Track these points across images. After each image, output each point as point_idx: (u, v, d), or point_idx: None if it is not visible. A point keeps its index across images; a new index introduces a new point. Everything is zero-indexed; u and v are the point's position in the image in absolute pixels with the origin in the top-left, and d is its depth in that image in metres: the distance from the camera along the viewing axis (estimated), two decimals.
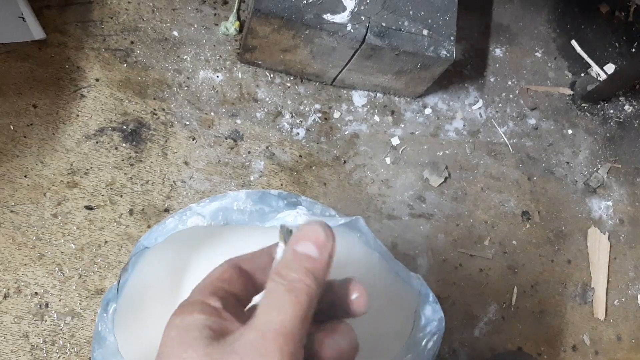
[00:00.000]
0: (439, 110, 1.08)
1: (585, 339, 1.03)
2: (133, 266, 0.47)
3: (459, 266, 1.00)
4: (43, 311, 0.80)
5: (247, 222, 0.47)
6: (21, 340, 0.78)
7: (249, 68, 0.99)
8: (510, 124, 1.13)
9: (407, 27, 0.92)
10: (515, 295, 1.01)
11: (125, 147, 0.89)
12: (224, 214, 0.46)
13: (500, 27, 1.20)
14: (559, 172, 1.12)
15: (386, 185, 1.00)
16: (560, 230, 1.08)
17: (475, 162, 1.07)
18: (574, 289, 1.05)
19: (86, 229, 0.85)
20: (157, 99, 0.93)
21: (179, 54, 0.97)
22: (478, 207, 1.04)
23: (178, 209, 0.89)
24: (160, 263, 0.50)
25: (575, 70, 1.21)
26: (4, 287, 0.80)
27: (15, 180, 0.84)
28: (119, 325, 0.45)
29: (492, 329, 0.98)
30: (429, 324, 0.47)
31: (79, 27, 0.93)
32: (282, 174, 0.95)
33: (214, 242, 0.52)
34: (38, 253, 0.82)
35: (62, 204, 0.85)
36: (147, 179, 0.89)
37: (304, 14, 0.86)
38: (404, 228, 0.99)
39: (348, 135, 1.01)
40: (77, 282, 0.82)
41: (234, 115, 0.96)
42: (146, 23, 0.97)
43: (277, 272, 0.30)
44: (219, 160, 0.93)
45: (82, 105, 0.90)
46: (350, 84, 1.03)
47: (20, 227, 0.82)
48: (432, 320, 0.47)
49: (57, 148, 0.87)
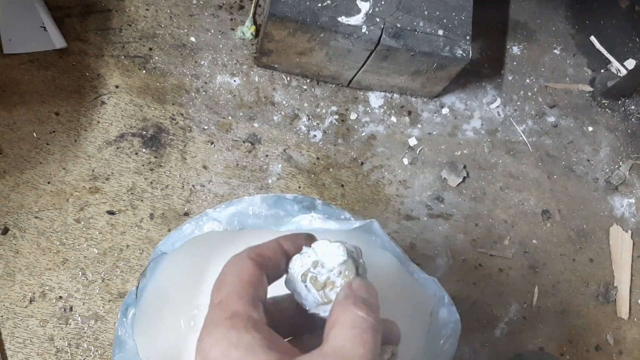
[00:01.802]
0: (456, 110, 1.08)
1: (609, 339, 1.01)
2: (151, 271, 0.48)
3: (478, 266, 0.99)
4: (67, 315, 0.82)
5: (263, 226, 0.48)
6: (47, 343, 0.80)
7: (265, 72, 1.00)
8: (529, 122, 1.12)
9: (422, 27, 0.92)
10: (536, 295, 1.00)
11: (145, 153, 0.91)
12: (240, 219, 0.47)
13: (518, 25, 1.19)
14: (580, 170, 1.11)
15: (404, 185, 1.00)
16: (582, 229, 1.07)
17: (494, 162, 1.07)
18: (596, 288, 1.04)
19: (108, 234, 0.86)
20: (176, 104, 0.94)
21: (196, 59, 0.98)
22: (497, 207, 1.04)
23: (197, 212, 0.90)
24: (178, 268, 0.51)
25: (594, 66, 1.20)
26: (30, 291, 0.82)
27: (39, 187, 0.86)
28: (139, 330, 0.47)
29: (513, 329, 0.97)
30: (444, 327, 0.47)
31: (99, 35, 0.95)
32: (299, 176, 0.96)
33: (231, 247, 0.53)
34: (62, 258, 0.84)
35: (84, 209, 0.86)
36: (166, 183, 0.90)
37: (319, 17, 0.87)
38: (422, 228, 0.99)
39: (365, 136, 1.01)
40: (100, 285, 0.84)
41: (251, 119, 0.97)
42: (164, 29, 0.98)
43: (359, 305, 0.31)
44: (237, 163, 0.94)
45: (102, 112, 0.91)
46: (366, 86, 1.03)
47: (45, 232, 0.84)
48: (448, 323, 0.47)
49: (79, 154, 0.89)
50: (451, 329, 0.47)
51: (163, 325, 0.51)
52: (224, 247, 0.53)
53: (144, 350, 0.47)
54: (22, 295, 0.81)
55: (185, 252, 0.49)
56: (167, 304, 0.47)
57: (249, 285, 0.32)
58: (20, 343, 0.79)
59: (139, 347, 0.47)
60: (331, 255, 0.35)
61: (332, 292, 0.35)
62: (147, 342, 0.47)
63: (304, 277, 0.35)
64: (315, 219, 0.48)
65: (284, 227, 0.49)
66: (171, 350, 0.52)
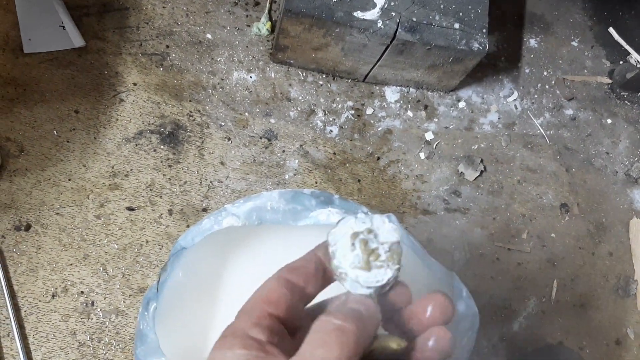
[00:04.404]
0: (473, 104, 1.08)
1: (629, 333, 1.01)
2: (172, 266, 0.49)
3: (496, 260, 0.99)
4: (89, 309, 0.83)
5: (281, 221, 0.48)
6: (69, 337, 0.81)
7: (281, 67, 1.01)
8: (547, 115, 1.11)
9: (438, 21, 0.91)
10: (555, 289, 1.00)
11: (163, 149, 0.92)
12: (258, 214, 0.48)
13: (534, 17, 1.18)
14: (599, 162, 1.10)
15: (421, 180, 1.00)
16: (601, 222, 1.06)
17: (512, 155, 1.06)
18: (615, 281, 1.03)
19: (128, 230, 0.87)
20: (193, 101, 0.95)
21: (212, 56, 0.99)
22: (515, 201, 1.03)
23: (215, 208, 0.91)
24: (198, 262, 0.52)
25: (613, 58, 1.19)
26: (52, 286, 0.83)
27: (60, 184, 0.87)
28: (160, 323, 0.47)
29: (532, 323, 0.97)
30: (463, 320, 0.47)
31: (117, 34, 0.96)
32: (316, 171, 0.96)
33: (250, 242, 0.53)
34: (83, 253, 0.85)
35: (104, 205, 0.88)
36: (185, 179, 0.91)
37: (334, 12, 0.87)
38: (439, 223, 0.98)
39: (381, 131, 1.01)
40: (120, 280, 0.85)
41: (267, 115, 0.97)
42: (180, 27, 0.99)
43: (329, 311, 0.31)
44: (254, 159, 0.95)
45: (121, 109, 0.93)
46: (382, 80, 1.03)
47: (66, 228, 0.86)
48: (467, 316, 0.47)
49: (98, 152, 0.90)
50: (469, 323, 0.47)
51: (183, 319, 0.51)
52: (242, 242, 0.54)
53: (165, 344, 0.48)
54: (44, 291, 0.83)
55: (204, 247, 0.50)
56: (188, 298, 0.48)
57: (264, 303, 0.32)
58: (44, 337, 0.81)
59: (161, 340, 0.48)
60: (386, 231, 0.36)
61: (375, 263, 0.35)
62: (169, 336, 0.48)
63: (354, 236, 0.35)
64: (333, 214, 0.49)
65: (301, 222, 0.49)
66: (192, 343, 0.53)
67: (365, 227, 0.36)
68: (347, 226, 0.36)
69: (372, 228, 0.36)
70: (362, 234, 0.35)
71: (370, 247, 0.35)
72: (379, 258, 0.35)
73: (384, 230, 0.36)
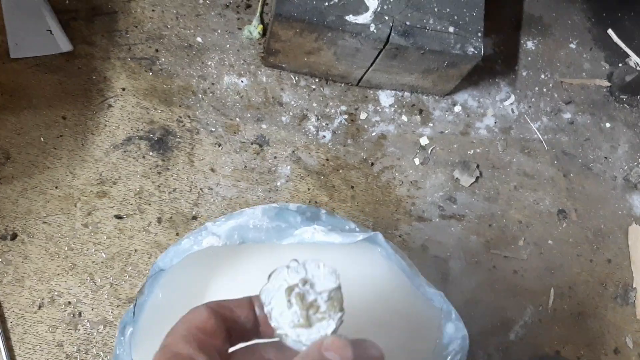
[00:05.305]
0: (468, 108, 1.06)
1: (628, 342, 0.99)
2: (149, 288, 0.47)
3: (492, 268, 0.97)
4: (76, 320, 0.82)
5: (264, 240, 0.46)
6: (56, 349, 0.80)
7: (273, 72, 0.99)
8: (544, 119, 1.09)
9: (432, 25, 0.89)
10: (552, 297, 0.98)
11: (152, 156, 0.90)
12: (240, 233, 0.46)
13: (532, 19, 1.16)
14: (597, 167, 1.08)
15: (415, 186, 0.98)
16: (599, 229, 1.04)
17: (508, 160, 1.04)
18: (614, 289, 1.01)
19: (116, 238, 0.86)
20: (183, 106, 0.94)
21: (203, 60, 0.97)
22: (511, 207, 1.01)
23: (205, 216, 0.90)
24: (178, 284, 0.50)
25: (612, 60, 1.17)
26: (39, 297, 0.81)
27: (47, 192, 0.85)
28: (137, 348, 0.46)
29: (529, 332, 0.95)
30: (452, 342, 0.45)
31: (105, 38, 0.94)
32: (308, 178, 0.95)
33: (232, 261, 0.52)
34: (70, 263, 0.83)
35: (92, 213, 0.86)
36: (174, 186, 0.89)
37: (326, 17, 0.85)
38: (434, 230, 0.97)
39: (375, 136, 1.00)
40: (108, 291, 0.83)
41: (259, 120, 0.96)
42: (170, 30, 0.97)
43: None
44: (245, 166, 0.93)
45: (109, 115, 0.91)
46: (376, 84, 1.01)
47: (53, 237, 0.84)
48: (455, 339, 0.45)
49: (86, 158, 0.88)
50: (459, 345, 0.45)
51: None
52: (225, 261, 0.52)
53: None
54: (31, 301, 0.81)
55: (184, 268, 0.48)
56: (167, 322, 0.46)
57: (197, 331, 0.31)
58: (30, 349, 0.79)
59: None
60: (322, 278, 0.34)
61: (315, 317, 0.33)
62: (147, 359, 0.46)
63: (289, 291, 0.33)
64: (318, 232, 0.47)
65: (285, 240, 0.47)
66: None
67: (300, 278, 0.34)
68: (281, 279, 0.34)
69: (306, 277, 0.34)
70: (297, 287, 0.33)
71: (308, 300, 0.33)
72: (319, 310, 0.33)
73: (320, 277, 0.34)
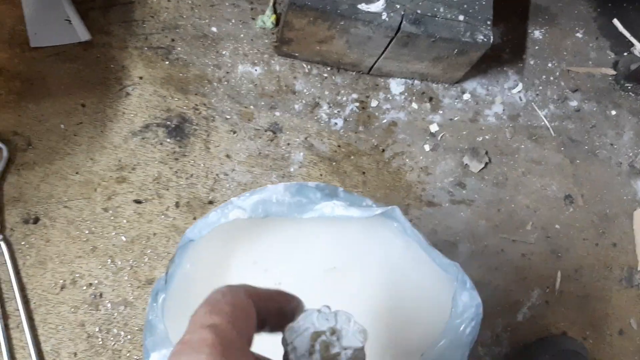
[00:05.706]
0: (477, 95, 1.08)
1: (633, 323, 1.01)
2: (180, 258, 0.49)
3: (500, 252, 0.99)
4: (98, 301, 0.84)
5: (286, 214, 0.49)
6: (78, 329, 0.83)
7: (286, 60, 1.01)
8: (551, 106, 1.11)
9: (442, 13, 0.91)
10: (559, 280, 1.00)
11: (169, 142, 0.92)
12: (264, 207, 0.48)
13: (539, 9, 1.18)
14: (603, 154, 1.10)
15: (425, 172, 1.01)
16: (605, 214, 1.06)
17: (516, 147, 1.06)
18: (619, 272, 1.04)
19: (135, 222, 0.88)
20: (199, 95, 0.96)
21: (218, 49, 0.99)
22: (519, 192, 1.04)
23: (222, 200, 0.92)
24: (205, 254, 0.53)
25: (617, 49, 1.18)
26: (61, 278, 0.84)
27: (68, 177, 0.88)
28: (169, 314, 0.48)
29: (536, 313, 0.98)
30: (466, 311, 0.48)
31: (122, 27, 0.97)
32: (321, 164, 0.97)
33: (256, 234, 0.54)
34: (91, 246, 0.86)
35: (112, 198, 0.88)
36: (191, 172, 0.92)
37: (339, 5, 0.87)
38: (444, 215, 0.99)
39: (386, 123, 1.02)
40: (128, 272, 0.86)
41: (272, 108, 0.98)
42: (186, 20, 0.99)
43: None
44: (259, 152, 0.95)
45: (127, 103, 0.93)
46: (387, 72, 1.03)
47: (74, 221, 0.86)
48: (470, 307, 0.47)
49: (105, 145, 0.90)
50: (473, 313, 0.48)
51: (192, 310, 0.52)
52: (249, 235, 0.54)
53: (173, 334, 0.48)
54: (53, 283, 0.84)
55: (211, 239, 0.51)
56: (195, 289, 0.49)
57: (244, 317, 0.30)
58: (53, 329, 0.82)
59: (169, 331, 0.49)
60: (350, 332, 0.33)
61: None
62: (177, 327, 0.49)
63: (315, 336, 0.32)
64: (338, 206, 0.49)
65: (306, 215, 0.50)
66: None
67: (329, 327, 0.33)
68: (309, 322, 0.33)
69: (335, 327, 0.33)
70: (324, 334, 0.32)
71: (332, 352, 0.32)
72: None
73: (349, 331, 0.33)
